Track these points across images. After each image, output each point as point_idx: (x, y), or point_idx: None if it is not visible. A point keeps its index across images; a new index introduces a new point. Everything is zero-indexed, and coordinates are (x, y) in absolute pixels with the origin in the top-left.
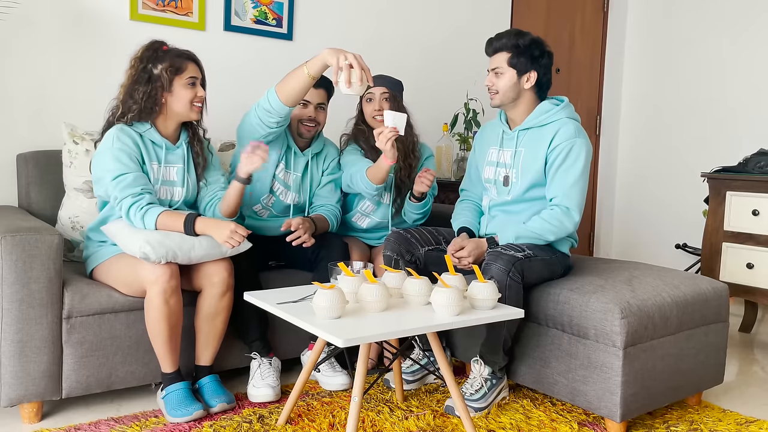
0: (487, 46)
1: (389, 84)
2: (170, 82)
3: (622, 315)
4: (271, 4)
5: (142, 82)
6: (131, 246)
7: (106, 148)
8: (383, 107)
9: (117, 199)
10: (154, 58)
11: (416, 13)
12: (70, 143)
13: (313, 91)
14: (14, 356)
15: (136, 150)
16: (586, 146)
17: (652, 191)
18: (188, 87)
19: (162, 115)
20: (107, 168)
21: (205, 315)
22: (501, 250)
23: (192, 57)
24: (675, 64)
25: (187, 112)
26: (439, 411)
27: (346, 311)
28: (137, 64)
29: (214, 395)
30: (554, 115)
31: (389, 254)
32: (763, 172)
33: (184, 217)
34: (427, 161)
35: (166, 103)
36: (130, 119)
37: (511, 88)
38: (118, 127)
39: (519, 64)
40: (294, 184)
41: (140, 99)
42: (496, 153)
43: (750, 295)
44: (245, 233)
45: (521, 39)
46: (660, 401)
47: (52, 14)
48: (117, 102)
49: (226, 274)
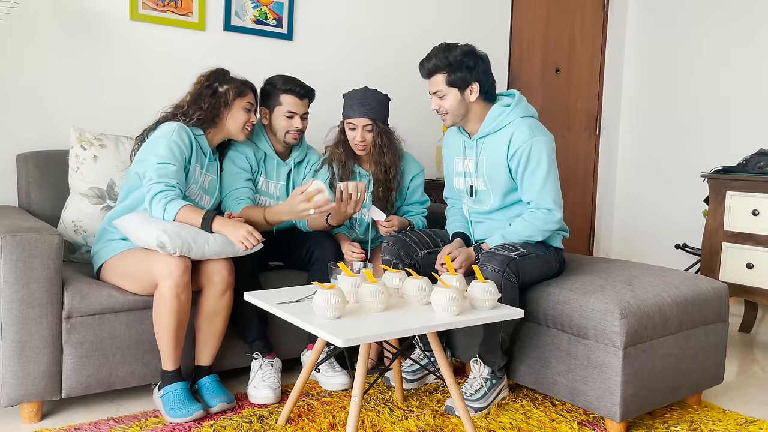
0: (420, 69)
1: (372, 112)
2: (232, 102)
3: (622, 315)
4: (271, 4)
5: (207, 95)
6: (147, 236)
7: (163, 135)
8: (365, 138)
9: (151, 180)
10: (222, 79)
11: (416, 12)
12: (77, 147)
13: (299, 102)
14: (14, 356)
15: (188, 148)
16: (545, 143)
17: (652, 191)
18: (245, 111)
19: (216, 128)
20: (157, 152)
21: (205, 314)
22: (494, 251)
23: (253, 87)
24: (675, 64)
25: (238, 132)
26: (439, 411)
27: (346, 311)
28: (204, 80)
29: (214, 395)
30: (506, 118)
31: (388, 258)
32: (763, 172)
33: (203, 214)
34: (413, 181)
35: (223, 119)
36: (196, 122)
37: (458, 105)
38: (179, 124)
39: (458, 81)
40: (281, 193)
41: (205, 108)
42: (461, 163)
43: (750, 295)
44: (260, 238)
45: (451, 54)
46: (660, 401)
47: (52, 14)
48: (179, 104)
49: (226, 272)
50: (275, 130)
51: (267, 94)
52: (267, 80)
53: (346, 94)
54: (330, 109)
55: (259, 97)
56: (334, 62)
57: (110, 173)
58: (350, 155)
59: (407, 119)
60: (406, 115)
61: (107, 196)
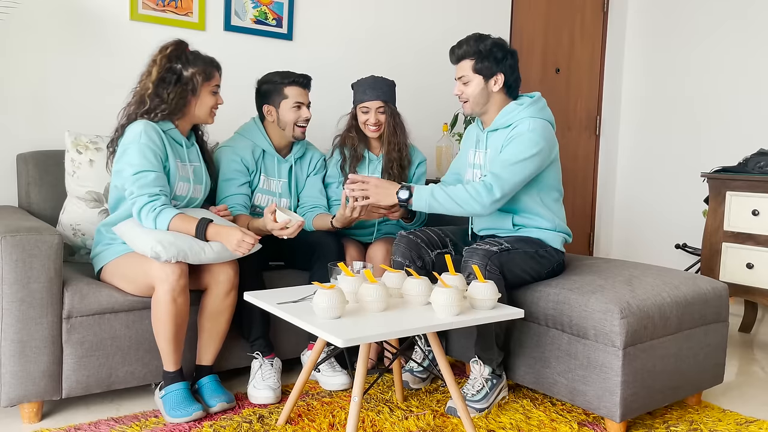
0: (451, 54)
1: (384, 95)
2: (200, 88)
3: (621, 315)
4: (271, 4)
5: (171, 82)
6: (142, 245)
7: (132, 141)
8: (379, 120)
9: (133, 194)
10: (185, 60)
11: (416, 12)
12: (73, 152)
13: (303, 92)
14: (14, 356)
15: (161, 147)
16: (540, 141)
17: (652, 191)
18: (212, 94)
19: (184, 117)
20: (131, 161)
21: (209, 313)
22: (476, 246)
23: (219, 66)
24: (675, 64)
25: (206, 117)
26: (440, 411)
27: (346, 311)
28: (164, 62)
29: (214, 395)
30: (517, 114)
31: (400, 260)
32: (763, 172)
33: (197, 223)
34: (419, 168)
35: (191, 106)
36: (161, 117)
37: (480, 93)
38: (144, 122)
39: (484, 69)
40: (283, 190)
41: (169, 99)
42: (473, 155)
43: (750, 295)
44: (254, 240)
45: (482, 44)
46: (660, 401)
47: (52, 14)
48: (140, 98)
49: (232, 272)
50: (284, 124)
51: (268, 92)
52: (262, 79)
53: (355, 83)
54: (330, 108)
55: (259, 97)
56: (334, 62)
57: (107, 177)
58: (362, 139)
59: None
60: (406, 114)
61: (104, 199)
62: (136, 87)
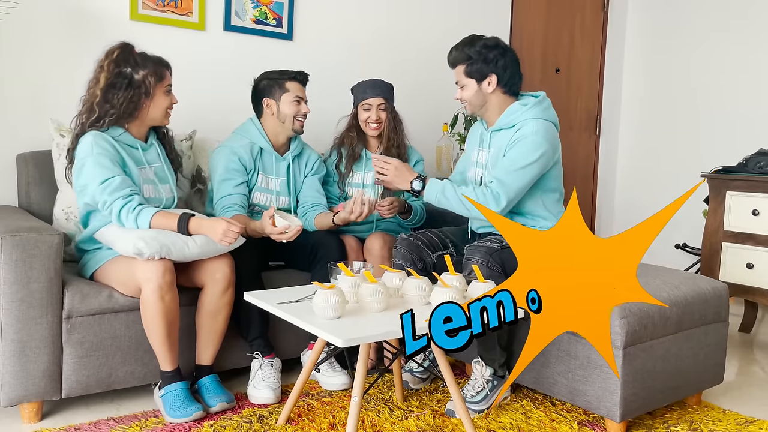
0: (448, 59)
1: (385, 93)
2: (153, 89)
3: (621, 315)
4: (271, 4)
5: (121, 87)
6: (125, 244)
7: (85, 155)
8: (380, 116)
9: (106, 203)
10: (134, 63)
11: (416, 12)
12: (57, 137)
13: (302, 87)
14: (14, 356)
15: (115, 154)
16: (544, 144)
17: (652, 191)
18: (166, 94)
19: (138, 120)
20: (92, 175)
21: (206, 312)
22: (477, 244)
23: (169, 65)
24: (675, 64)
25: (161, 118)
26: (440, 411)
27: (346, 311)
28: (112, 67)
29: (214, 395)
30: (521, 115)
31: (400, 263)
32: (763, 172)
33: (178, 217)
34: (415, 167)
35: (145, 109)
36: (107, 123)
37: (475, 96)
38: (93, 134)
39: (474, 73)
40: (281, 188)
41: (119, 104)
42: (476, 154)
43: (750, 295)
44: (239, 229)
45: (472, 48)
46: (660, 401)
47: (51, 14)
48: (89, 106)
49: (228, 270)
50: (284, 117)
51: (268, 86)
52: (260, 77)
53: (355, 85)
54: (329, 108)
55: (259, 93)
56: (334, 62)
57: None
58: (360, 138)
59: (406, 118)
60: (406, 114)
61: None
62: (84, 95)
